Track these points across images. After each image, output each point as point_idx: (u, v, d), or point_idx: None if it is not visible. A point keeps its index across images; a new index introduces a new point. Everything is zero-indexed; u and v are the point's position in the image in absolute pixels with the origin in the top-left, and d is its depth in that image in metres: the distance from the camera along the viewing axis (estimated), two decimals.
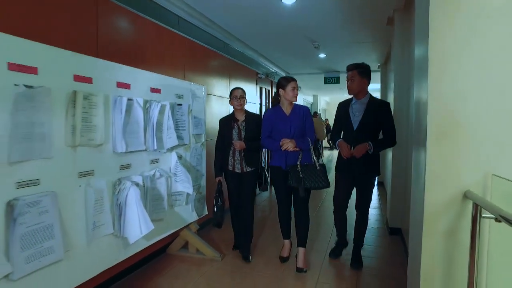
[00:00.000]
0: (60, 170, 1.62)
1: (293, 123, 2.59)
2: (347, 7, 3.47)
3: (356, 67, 2.52)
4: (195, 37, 3.65)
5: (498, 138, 1.46)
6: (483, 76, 1.46)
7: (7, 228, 1.36)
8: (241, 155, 2.82)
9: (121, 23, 2.49)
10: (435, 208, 1.59)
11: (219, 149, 2.91)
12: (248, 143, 2.79)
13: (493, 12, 1.43)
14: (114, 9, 2.42)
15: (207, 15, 3.72)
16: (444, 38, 1.52)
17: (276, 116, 2.64)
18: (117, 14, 2.45)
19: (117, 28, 2.45)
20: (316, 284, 2.46)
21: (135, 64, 2.29)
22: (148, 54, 2.76)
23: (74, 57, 1.72)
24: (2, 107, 1.33)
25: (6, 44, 1.35)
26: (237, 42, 4.79)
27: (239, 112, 2.87)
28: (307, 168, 2.48)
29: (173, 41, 3.18)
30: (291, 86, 2.55)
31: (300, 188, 2.43)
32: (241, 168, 2.83)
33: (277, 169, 2.63)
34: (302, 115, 2.62)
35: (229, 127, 2.85)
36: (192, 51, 3.53)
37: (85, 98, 1.71)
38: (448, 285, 1.57)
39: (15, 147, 1.38)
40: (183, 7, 3.29)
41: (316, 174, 2.48)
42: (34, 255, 1.46)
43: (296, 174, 2.46)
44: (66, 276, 1.64)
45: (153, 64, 2.77)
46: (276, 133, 2.61)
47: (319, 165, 2.51)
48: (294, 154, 2.54)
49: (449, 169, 1.54)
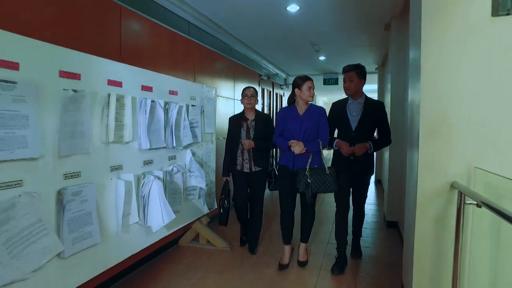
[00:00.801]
0: (96, 164, 1.83)
1: (305, 123, 2.54)
2: (347, 14, 3.70)
3: (354, 68, 2.53)
4: (204, 41, 3.87)
5: (480, 135, 1.69)
6: (467, 81, 1.70)
7: (57, 213, 1.58)
8: (249, 155, 2.82)
9: (140, 30, 2.71)
10: (426, 197, 1.82)
11: (228, 148, 2.92)
12: (257, 142, 2.78)
13: (476, 25, 1.66)
14: (134, 17, 2.63)
15: (215, 21, 3.94)
16: (434, 46, 1.75)
17: (289, 115, 2.61)
18: (137, 22, 2.67)
19: (137, 35, 2.66)
20: (319, 270, 2.68)
21: (153, 68, 2.51)
22: (164, 58, 2.98)
23: (108, 64, 1.93)
24: (54, 109, 1.55)
25: (58, 54, 1.57)
26: (241, 45, 5.01)
27: (249, 111, 2.87)
28: (315, 172, 2.44)
29: (185, 46, 3.39)
30: (307, 86, 2.52)
31: (307, 194, 2.42)
32: (250, 168, 2.83)
33: (284, 169, 2.62)
34: (317, 116, 2.56)
35: (238, 126, 2.85)
36: (201, 54, 3.74)
37: (117, 100, 1.92)
38: (437, 263, 1.80)
39: (63, 143, 1.59)
40: (193, 13, 3.51)
41: (325, 179, 2.44)
42: (78, 238, 1.67)
43: (304, 178, 2.43)
44: (102, 258, 1.86)
45: (169, 67, 2.99)
46: (287, 132, 2.59)
47: (329, 169, 2.47)
48: (303, 156, 2.50)
49: (438, 163, 1.77)
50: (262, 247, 3.15)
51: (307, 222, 2.71)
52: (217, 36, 4.22)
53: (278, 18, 3.79)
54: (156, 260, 2.87)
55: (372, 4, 3.36)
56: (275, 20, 3.87)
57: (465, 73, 1.70)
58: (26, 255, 1.39)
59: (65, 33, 1.93)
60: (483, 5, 1.64)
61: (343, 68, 2.61)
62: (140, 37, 2.69)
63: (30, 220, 1.42)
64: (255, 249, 3.01)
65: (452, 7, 1.70)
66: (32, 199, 1.43)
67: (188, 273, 2.63)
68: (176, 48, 3.19)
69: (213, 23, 3.93)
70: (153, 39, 2.87)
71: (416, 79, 1.92)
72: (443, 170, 1.77)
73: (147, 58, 2.73)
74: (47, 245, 1.48)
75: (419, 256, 1.84)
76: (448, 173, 1.76)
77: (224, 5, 3.39)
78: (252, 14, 3.69)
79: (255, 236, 3.02)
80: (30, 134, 1.42)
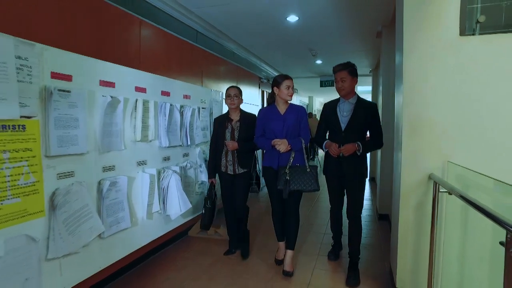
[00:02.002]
0: (127, 159, 2.13)
1: (287, 122, 2.51)
2: (342, 23, 4.03)
3: (345, 67, 2.44)
4: (210, 48, 4.17)
5: (453, 135, 2.02)
6: (441, 90, 2.02)
7: (98, 200, 1.88)
8: (233, 156, 2.74)
9: (155, 40, 3.01)
10: (408, 187, 2.15)
11: (213, 150, 2.83)
12: (241, 144, 2.71)
13: (447, 42, 1.99)
14: (151, 28, 2.94)
15: (220, 29, 4.24)
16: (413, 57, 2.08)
17: (270, 114, 2.56)
18: (153, 33, 2.97)
19: (153, 45, 2.96)
20: (313, 268, 2.99)
21: (167, 74, 2.82)
22: (175, 65, 3.28)
23: (135, 73, 2.23)
24: (96, 112, 1.85)
25: (98, 66, 1.87)
26: (243, 50, 5.32)
27: (234, 111, 2.78)
28: (296, 170, 2.42)
29: (193, 53, 3.70)
30: (285, 85, 2.48)
31: (284, 190, 2.38)
32: (234, 170, 2.75)
33: (269, 170, 2.57)
34: (297, 115, 2.55)
35: (223, 127, 2.77)
36: (207, 60, 4.05)
37: (143, 104, 2.23)
38: (418, 243, 2.13)
39: (103, 141, 1.90)
40: (200, 22, 3.81)
41: (306, 177, 2.41)
42: (114, 221, 1.97)
43: (283, 176, 2.41)
44: (131, 240, 2.16)
45: (180, 73, 3.29)
46: (269, 132, 2.54)
47: (310, 167, 2.45)
48: (287, 155, 2.47)
49: (418, 158, 2.10)
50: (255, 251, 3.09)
51: (290, 225, 2.60)
52: (221, 42, 4.53)
53: (278, 27, 4.11)
54: (169, 249, 3.16)
55: (365, 14, 3.69)
56: (276, 28, 4.19)
57: (439, 82, 2.03)
58: (78, 232, 1.69)
59: (100, 47, 2.24)
60: (453, 26, 1.97)
61: (333, 68, 2.52)
62: (155, 46, 3.00)
63: (80, 205, 1.72)
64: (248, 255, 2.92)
65: (428, 26, 2.03)
66: (81, 187, 1.73)
67: (198, 259, 2.93)
68: (185, 55, 3.49)
69: (218, 30, 4.24)
70: (166, 47, 3.17)
71: (400, 83, 2.25)
72: (422, 164, 2.10)
73: (162, 66, 3.03)
74: (93, 226, 1.78)
75: (402, 238, 2.17)
76: (426, 167, 2.09)
77: (229, 15, 3.70)
78: (254, 23, 4.00)
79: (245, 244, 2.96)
80: (80, 134, 1.72)
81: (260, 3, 3.32)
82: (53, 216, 1.57)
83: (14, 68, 1.37)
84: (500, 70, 1.91)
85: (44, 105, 1.54)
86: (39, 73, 1.51)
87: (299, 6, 3.44)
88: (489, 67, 1.93)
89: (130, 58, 2.60)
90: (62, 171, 1.64)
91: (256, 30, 4.32)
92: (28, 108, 1.45)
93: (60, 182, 1.63)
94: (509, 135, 1.91)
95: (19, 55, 1.40)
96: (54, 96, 1.57)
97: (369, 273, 2.61)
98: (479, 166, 1.87)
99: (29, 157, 1.47)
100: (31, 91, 1.47)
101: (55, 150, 1.59)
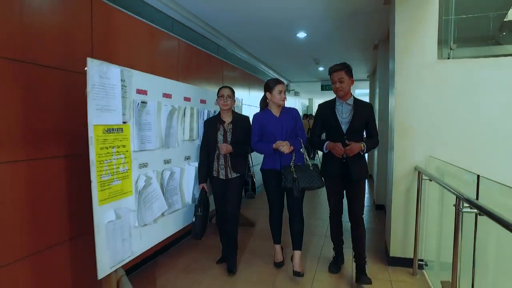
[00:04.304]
0: (179, 154, 2.70)
1: (285, 124, 2.55)
2: (345, 37, 4.62)
3: (343, 67, 2.38)
4: (227, 58, 4.75)
5: (432, 136, 2.61)
6: (422, 100, 2.61)
7: (161, 186, 2.44)
8: (226, 160, 2.66)
9: (191, 56, 3.58)
10: (399, 177, 2.74)
11: (204, 153, 2.73)
12: (235, 147, 2.63)
13: (427, 63, 2.58)
14: (188, 48, 3.51)
15: (238, 43, 4.83)
16: (401, 74, 2.67)
17: (266, 118, 2.58)
18: (190, 51, 3.54)
19: (190, 60, 3.53)
20: (317, 265, 3.55)
21: (198, 84, 3.38)
22: (203, 75, 3.85)
23: (183, 86, 2.80)
24: (162, 118, 2.41)
25: (161, 82, 2.44)
26: (254, 59, 5.90)
27: (226, 113, 2.70)
28: (300, 168, 2.46)
29: (216, 63, 4.27)
30: (277, 90, 2.51)
31: (294, 188, 2.40)
32: (226, 174, 2.67)
33: (270, 172, 2.60)
34: (292, 116, 2.59)
35: (215, 130, 2.68)
36: (227, 70, 4.63)
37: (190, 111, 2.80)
38: (406, 220, 2.72)
39: (166, 140, 2.46)
40: (222, 38, 4.39)
41: (310, 174, 2.45)
42: (171, 203, 2.54)
43: (290, 174, 2.43)
44: (180, 219, 2.72)
45: (206, 82, 3.86)
46: (268, 135, 2.57)
47: (312, 165, 2.51)
48: (288, 155, 2.50)
49: (407, 154, 2.69)
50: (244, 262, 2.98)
51: (296, 226, 2.62)
52: (236, 53, 5.11)
53: (288, 41, 4.70)
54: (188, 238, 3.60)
55: (364, 31, 4.28)
56: (286, 42, 4.78)
57: (421, 95, 2.62)
58: (151, 209, 2.26)
59: (164, 68, 2.81)
60: (432, 51, 2.56)
61: (330, 68, 2.43)
62: (191, 61, 3.58)
63: (152, 188, 2.28)
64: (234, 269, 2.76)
65: (413, 51, 2.62)
66: (152, 175, 2.30)
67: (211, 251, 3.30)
68: (210, 66, 4.07)
69: (235, 44, 4.82)
70: (197, 61, 3.74)
71: (392, 87, 2.82)
72: (409, 159, 2.70)
73: (197, 77, 3.60)
74: (160, 205, 2.35)
75: (394, 216, 2.76)
76: (413, 161, 2.69)
77: (247, 33, 4.29)
78: (268, 38, 4.59)
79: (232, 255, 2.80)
80: (152, 134, 2.29)
81: (274, 22, 3.90)
82: (137, 195, 2.13)
83: (120, 88, 1.94)
84: (468, 85, 2.51)
85: (132, 113, 2.10)
86: (130, 90, 2.08)
87: (308, 24, 4.02)
88: (460, 83, 2.53)
89: (175, 73, 3.17)
90: (141, 162, 2.20)
91: (269, 44, 4.91)
92: (125, 116, 2.02)
93: (140, 170, 2.20)
94: (474, 136, 2.51)
95: (123, 79, 1.97)
96: (138, 106, 2.14)
97: (369, 249, 3.18)
98: (453, 159, 2.47)
99: (124, 151, 2.04)
100: (126, 103, 2.03)
101: (138, 147, 2.15)
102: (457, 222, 1.63)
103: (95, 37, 2.27)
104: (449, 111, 2.55)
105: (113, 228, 1.92)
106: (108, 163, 1.89)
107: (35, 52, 1.84)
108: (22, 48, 1.77)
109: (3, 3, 1.68)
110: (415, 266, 2.62)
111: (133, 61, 2.62)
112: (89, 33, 2.22)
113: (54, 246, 1.98)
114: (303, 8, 3.41)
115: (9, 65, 1.71)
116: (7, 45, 1.70)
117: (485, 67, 2.45)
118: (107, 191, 1.88)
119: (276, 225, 2.77)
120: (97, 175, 1.81)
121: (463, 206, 1.59)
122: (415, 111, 2.65)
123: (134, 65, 2.32)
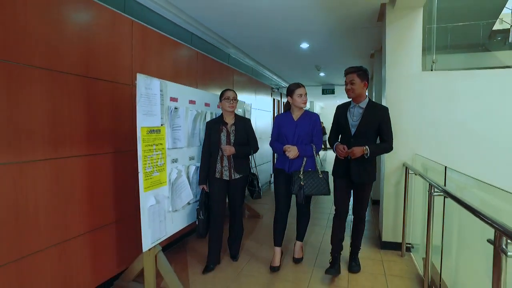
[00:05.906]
0: (199, 152, 3.14)
1: (299, 128, 2.63)
2: (344, 47, 5.08)
3: (355, 70, 2.44)
4: (236, 66, 5.20)
5: (418, 136, 3.05)
6: (409, 106, 3.05)
7: (192, 178, 2.87)
8: (229, 161, 2.74)
9: (208, 66, 4.03)
10: (390, 171, 3.18)
11: (206, 155, 2.80)
12: (237, 148, 2.71)
13: (413, 74, 3.02)
14: (206, 59, 3.96)
15: (247, 52, 5.29)
16: (392, 81, 3.11)
17: (284, 120, 2.72)
18: (207, 62, 3.99)
19: (207, 70, 3.98)
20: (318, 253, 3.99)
21: (212, 90, 3.83)
22: (216, 83, 4.30)
23: (203, 93, 3.25)
24: (189, 121, 2.85)
25: (187, 90, 2.88)
26: (260, 66, 6.36)
27: (229, 115, 2.79)
28: (309, 175, 2.53)
29: (228, 72, 4.72)
30: (297, 93, 2.64)
31: (299, 196, 2.51)
32: (230, 175, 2.74)
33: (280, 172, 2.73)
34: (311, 122, 2.66)
35: (218, 131, 2.75)
36: (237, 76, 5.08)
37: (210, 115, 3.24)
38: (396, 208, 3.16)
39: (190, 139, 2.90)
40: (233, 49, 4.84)
41: (318, 182, 2.53)
42: (194, 194, 2.97)
43: (298, 180, 2.52)
44: None
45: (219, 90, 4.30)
46: (281, 137, 2.72)
47: (322, 173, 2.56)
48: (298, 159, 2.60)
49: (396, 151, 3.12)
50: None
51: (302, 221, 2.88)
52: (244, 61, 5.56)
53: (292, 51, 5.15)
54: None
55: (361, 42, 4.73)
56: (290, 52, 5.23)
57: (408, 101, 3.06)
58: (180, 197, 2.70)
59: (178, 74, 3.26)
60: (417, 64, 3.00)
61: (344, 70, 2.52)
62: (208, 71, 4.03)
63: (181, 180, 2.72)
64: (237, 255, 3.04)
65: (401, 64, 3.07)
66: (181, 168, 2.73)
67: None
68: (222, 73, 4.52)
69: (244, 53, 5.28)
70: (211, 70, 4.19)
71: (384, 95, 3.27)
72: (398, 156, 3.13)
73: (212, 84, 4.05)
74: (187, 194, 2.78)
75: (386, 205, 3.20)
76: (401, 158, 3.12)
77: (257, 45, 4.74)
78: (274, 48, 5.04)
79: (237, 244, 3.01)
80: (181, 135, 2.73)
81: (280, 34, 4.35)
82: (170, 185, 2.57)
83: (159, 96, 2.38)
84: (448, 93, 2.95)
85: (167, 117, 2.54)
86: (166, 98, 2.52)
87: (310, 35, 4.47)
88: (441, 91, 2.97)
89: (195, 81, 3.62)
90: (173, 158, 2.64)
91: (274, 53, 5.36)
92: (162, 119, 2.46)
93: (172, 165, 2.64)
94: (454, 137, 2.95)
95: (161, 89, 2.42)
96: (172, 112, 2.58)
97: (365, 236, 3.60)
98: (435, 156, 2.90)
99: (161, 149, 2.48)
100: (163, 109, 2.48)
101: (171, 145, 2.59)
102: (430, 205, 2.07)
103: (134, 53, 2.72)
104: (431, 116, 3.00)
105: (153, 211, 2.36)
106: (150, 157, 2.33)
107: (93, 68, 2.29)
108: (85, 66, 2.22)
109: (77, 33, 2.13)
110: (403, 249, 3.06)
111: (162, 71, 3.07)
112: (130, 50, 2.67)
113: (104, 226, 2.42)
114: (308, 22, 3.86)
115: (76, 79, 2.16)
116: (76, 63, 2.15)
117: (461, 78, 2.90)
118: (149, 180, 2.32)
119: (280, 226, 2.81)
120: (143, 167, 2.25)
121: (434, 191, 2.02)
122: (402, 115, 3.09)
123: (163, 75, 2.76)
